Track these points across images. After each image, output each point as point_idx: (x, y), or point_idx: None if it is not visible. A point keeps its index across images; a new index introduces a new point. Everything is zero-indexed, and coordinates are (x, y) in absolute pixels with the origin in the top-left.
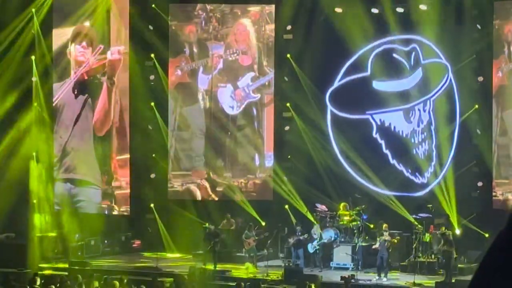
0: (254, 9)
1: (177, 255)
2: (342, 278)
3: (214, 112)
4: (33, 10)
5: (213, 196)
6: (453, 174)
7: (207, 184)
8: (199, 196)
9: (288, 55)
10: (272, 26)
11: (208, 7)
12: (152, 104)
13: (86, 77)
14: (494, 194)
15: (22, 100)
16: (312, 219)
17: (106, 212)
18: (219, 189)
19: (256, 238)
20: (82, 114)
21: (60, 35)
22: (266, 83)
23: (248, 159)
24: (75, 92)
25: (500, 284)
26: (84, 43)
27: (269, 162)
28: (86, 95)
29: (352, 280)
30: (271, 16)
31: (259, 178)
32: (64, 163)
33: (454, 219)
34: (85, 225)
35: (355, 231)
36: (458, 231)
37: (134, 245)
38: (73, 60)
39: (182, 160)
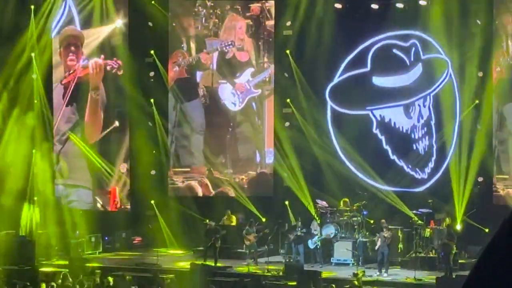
0: (254, 5)
1: (178, 251)
2: (354, 274)
3: (214, 108)
4: (32, 7)
5: (213, 192)
6: (455, 168)
7: (207, 181)
8: (199, 192)
9: (288, 51)
10: (272, 22)
11: (209, 3)
12: (152, 100)
13: (73, 85)
14: (494, 189)
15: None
16: (313, 211)
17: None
18: (219, 185)
19: (257, 234)
20: (73, 120)
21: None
22: (267, 79)
23: (249, 155)
24: (66, 98)
25: (503, 272)
26: (73, 47)
27: (270, 158)
28: (74, 103)
29: (361, 276)
30: (271, 12)
31: (260, 174)
32: (58, 169)
33: (460, 212)
34: (85, 222)
35: (356, 227)
36: (459, 226)
37: (134, 242)
38: (64, 63)
39: (182, 157)
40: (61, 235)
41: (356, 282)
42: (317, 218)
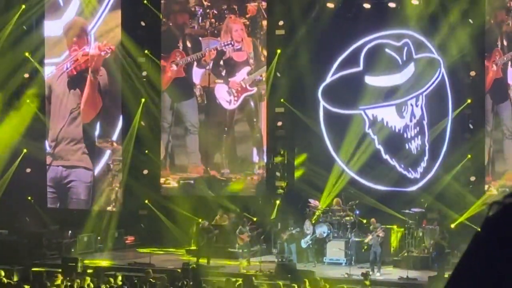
0: (251, 5)
1: (171, 250)
2: (362, 274)
3: (210, 107)
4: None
5: (208, 191)
6: (447, 168)
7: (203, 180)
8: (193, 192)
9: (280, 50)
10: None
11: (205, 3)
12: (143, 100)
13: (75, 72)
14: (487, 188)
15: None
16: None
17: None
18: (215, 184)
19: (250, 233)
20: (74, 107)
21: (53, 27)
22: (263, 78)
23: (246, 155)
24: (69, 86)
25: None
26: (75, 38)
27: (264, 157)
28: (77, 89)
29: (370, 276)
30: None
31: (257, 173)
32: (57, 152)
33: (452, 212)
34: (78, 221)
35: (348, 226)
36: (451, 226)
37: (127, 241)
38: (68, 53)
39: (177, 156)
40: (53, 235)
41: (367, 283)
42: (311, 218)
